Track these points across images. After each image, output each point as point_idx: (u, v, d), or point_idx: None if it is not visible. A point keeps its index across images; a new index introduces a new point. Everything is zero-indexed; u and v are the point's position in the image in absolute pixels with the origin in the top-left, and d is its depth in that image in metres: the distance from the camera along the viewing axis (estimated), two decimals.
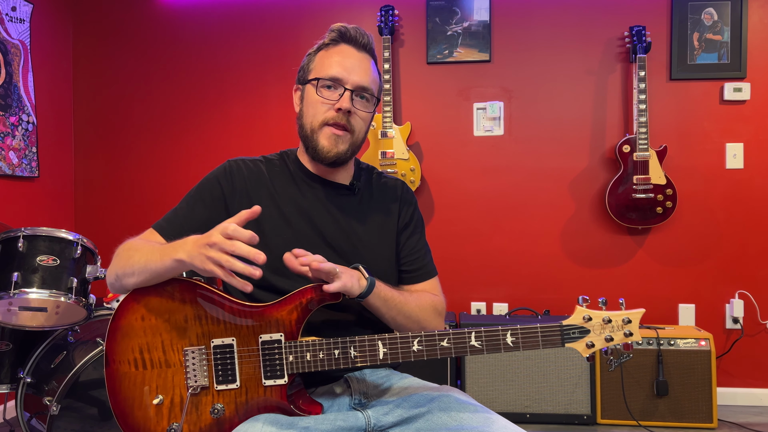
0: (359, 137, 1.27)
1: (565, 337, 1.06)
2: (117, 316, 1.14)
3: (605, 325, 1.06)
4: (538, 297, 3.02)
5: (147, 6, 3.23)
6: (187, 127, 3.22)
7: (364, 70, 1.24)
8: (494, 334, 1.07)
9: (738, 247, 2.93)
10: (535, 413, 2.59)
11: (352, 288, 1.10)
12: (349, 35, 1.25)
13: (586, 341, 1.06)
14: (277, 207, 1.27)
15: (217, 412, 1.10)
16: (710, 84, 2.93)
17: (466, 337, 1.07)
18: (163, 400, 1.12)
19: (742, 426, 2.60)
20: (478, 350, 1.07)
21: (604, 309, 1.07)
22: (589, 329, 1.06)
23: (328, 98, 1.23)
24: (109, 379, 1.14)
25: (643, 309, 1.07)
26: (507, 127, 3.05)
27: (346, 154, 1.25)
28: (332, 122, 1.22)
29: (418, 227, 1.37)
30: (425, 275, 1.34)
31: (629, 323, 1.06)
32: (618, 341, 1.06)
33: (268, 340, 1.11)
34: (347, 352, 1.10)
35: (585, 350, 1.06)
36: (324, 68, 1.24)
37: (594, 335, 1.06)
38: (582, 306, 1.07)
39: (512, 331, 1.06)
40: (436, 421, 1.10)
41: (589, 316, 1.06)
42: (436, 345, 1.08)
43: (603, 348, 1.07)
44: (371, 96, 1.26)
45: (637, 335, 1.05)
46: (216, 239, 1.00)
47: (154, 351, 1.12)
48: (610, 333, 1.06)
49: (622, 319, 1.06)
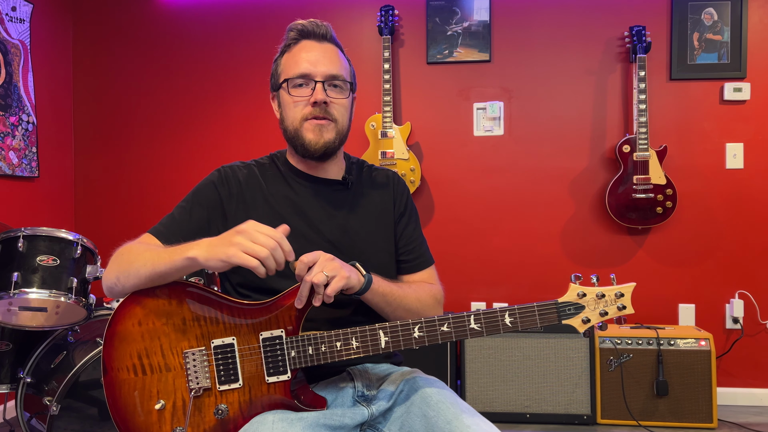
0: (344, 125, 1.27)
1: (561, 314, 1.08)
2: (113, 322, 1.13)
3: (599, 300, 1.08)
4: (538, 297, 3.02)
5: (147, 6, 3.23)
6: (187, 126, 3.22)
7: (329, 59, 1.25)
8: (492, 315, 1.08)
9: (738, 247, 2.93)
10: (535, 413, 2.59)
11: (351, 280, 1.10)
12: (306, 30, 1.27)
13: (582, 317, 1.08)
14: (272, 208, 1.27)
15: (221, 413, 1.10)
16: (710, 84, 2.93)
17: (466, 320, 1.09)
18: (165, 404, 1.11)
19: (742, 426, 2.60)
20: (478, 332, 1.08)
21: (596, 285, 1.09)
22: (584, 305, 1.08)
23: (302, 95, 1.24)
24: (107, 387, 1.13)
25: (634, 282, 1.09)
26: (507, 127, 3.05)
27: (335, 142, 1.26)
28: (311, 116, 1.23)
29: (412, 216, 1.38)
30: (422, 264, 1.36)
31: (622, 297, 1.08)
32: (612, 315, 1.08)
33: (269, 337, 1.11)
34: (349, 343, 1.10)
35: (581, 326, 1.08)
36: (291, 68, 1.26)
37: (589, 311, 1.08)
38: (575, 283, 1.09)
39: (510, 312, 1.08)
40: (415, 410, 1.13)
41: (583, 292, 1.08)
42: (437, 330, 1.09)
43: (598, 323, 1.09)
44: (344, 82, 1.27)
45: (630, 308, 1.08)
46: (247, 227, 1.04)
47: (153, 356, 1.11)
48: (604, 307, 1.08)
49: (615, 293, 1.08)
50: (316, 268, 1.06)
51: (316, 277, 1.05)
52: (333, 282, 1.06)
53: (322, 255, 1.09)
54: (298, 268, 1.08)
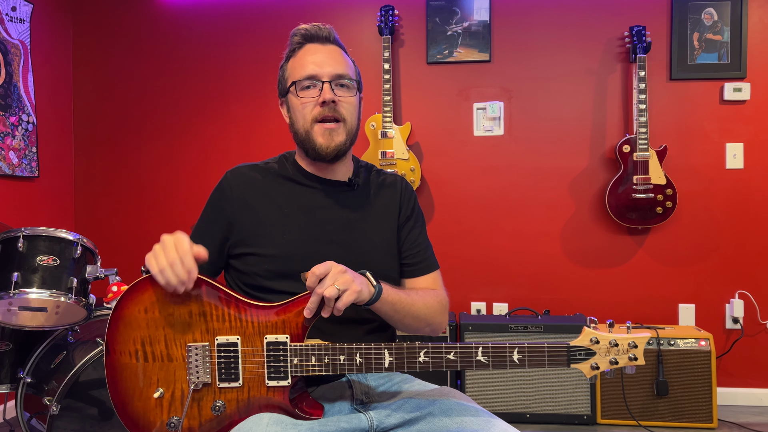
0: (353, 125, 1.28)
1: (571, 358, 1.07)
2: (119, 305, 1.13)
3: (611, 348, 1.06)
4: (538, 297, 3.02)
5: (147, 6, 3.23)
6: (187, 126, 3.22)
7: (334, 60, 1.26)
8: (501, 350, 1.07)
9: (738, 247, 2.93)
10: (535, 413, 2.59)
11: (362, 294, 1.09)
12: (310, 34, 1.28)
13: (591, 363, 1.06)
14: (278, 209, 1.27)
15: (218, 409, 1.10)
16: (710, 84, 2.93)
17: (473, 352, 1.08)
18: (163, 393, 1.11)
19: (742, 426, 2.60)
20: (484, 365, 1.08)
21: (611, 331, 1.08)
22: (595, 351, 1.06)
23: (310, 96, 1.24)
24: (109, 369, 1.13)
25: (650, 333, 1.09)
26: (507, 127, 3.05)
27: (345, 144, 1.26)
28: (321, 117, 1.24)
29: (419, 221, 1.38)
30: (427, 269, 1.35)
31: (635, 348, 1.06)
32: (622, 365, 1.06)
33: (273, 342, 1.10)
34: (353, 359, 1.09)
35: (589, 372, 1.07)
36: (297, 71, 1.26)
37: (599, 357, 1.06)
38: (589, 327, 1.08)
39: (519, 349, 1.07)
40: (437, 423, 1.11)
41: (596, 338, 1.06)
42: (443, 358, 1.08)
43: (606, 370, 1.07)
44: (351, 81, 1.27)
45: (641, 360, 1.06)
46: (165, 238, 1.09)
47: (156, 344, 1.12)
48: (615, 356, 1.06)
49: (629, 343, 1.06)
50: (328, 281, 1.05)
51: (328, 291, 1.04)
52: (344, 296, 1.05)
53: (334, 267, 1.08)
54: (309, 280, 1.07)
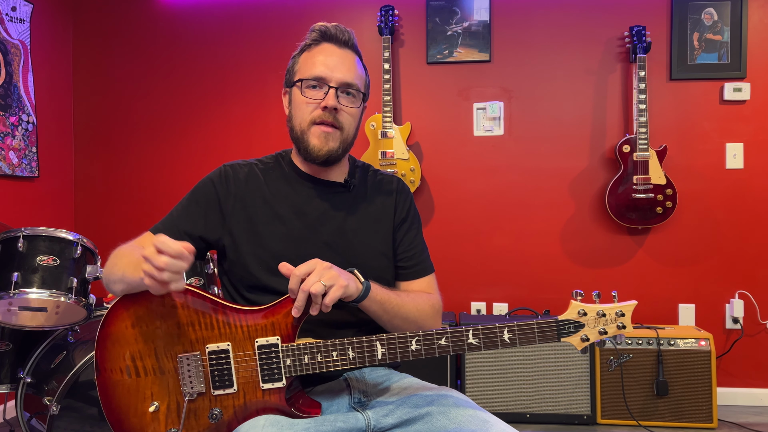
0: (349, 134, 1.27)
1: (560, 332, 1.09)
2: (106, 323, 1.12)
3: (599, 318, 1.09)
4: (538, 297, 3.02)
5: (147, 6, 3.23)
6: (187, 126, 3.22)
7: (347, 67, 1.25)
8: (491, 331, 1.08)
9: (738, 248, 2.93)
10: (535, 413, 2.59)
11: (349, 289, 1.08)
12: (329, 33, 1.26)
13: (581, 335, 1.09)
14: (272, 207, 1.27)
15: (215, 417, 1.10)
16: (710, 84, 2.93)
17: (464, 335, 1.08)
18: (159, 407, 1.10)
19: (742, 426, 2.60)
20: (476, 347, 1.08)
21: (597, 302, 1.10)
22: (584, 323, 1.09)
23: (314, 98, 1.23)
24: (101, 388, 1.12)
25: (635, 301, 1.10)
26: (507, 126, 3.05)
27: (338, 151, 1.25)
28: (319, 121, 1.23)
29: (414, 223, 1.36)
30: (422, 272, 1.34)
31: (622, 316, 1.09)
32: (611, 334, 1.09)
33: (264, 344, 1.09)
34: (345, 353, 1.09)
35: (580, 344, 1.09)
36: (307, 69, 1.25)
37: (588, 329, 1.09)
38: (576, 300, 1.09)
39: (509, 328, 1.08)
40: (435, 423, 1.10)
41: (584, 310, 1.09)
42: (434, 344, 1.08)
43: (597, 340, 1.10)
44: (357, 92, 1.26)
45: (629, 327, 1.09)
46: (147, 253, 1.00)
47: (147, 358, 1.11)
48: (604, 326, 1.09)
49: (616, 312, 1.09)
50: (314, 277, 1.05)
51: (314, 287, 1.03)
52: (331, 291, 1.05)
53: (318, 264, 1.07)
54: (291, 282, 1.06)
